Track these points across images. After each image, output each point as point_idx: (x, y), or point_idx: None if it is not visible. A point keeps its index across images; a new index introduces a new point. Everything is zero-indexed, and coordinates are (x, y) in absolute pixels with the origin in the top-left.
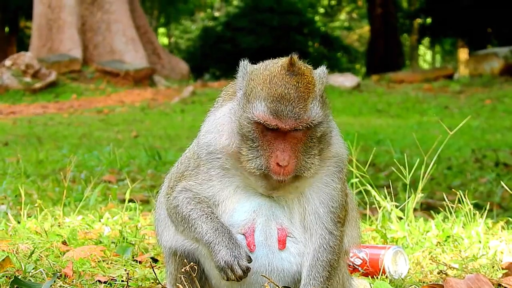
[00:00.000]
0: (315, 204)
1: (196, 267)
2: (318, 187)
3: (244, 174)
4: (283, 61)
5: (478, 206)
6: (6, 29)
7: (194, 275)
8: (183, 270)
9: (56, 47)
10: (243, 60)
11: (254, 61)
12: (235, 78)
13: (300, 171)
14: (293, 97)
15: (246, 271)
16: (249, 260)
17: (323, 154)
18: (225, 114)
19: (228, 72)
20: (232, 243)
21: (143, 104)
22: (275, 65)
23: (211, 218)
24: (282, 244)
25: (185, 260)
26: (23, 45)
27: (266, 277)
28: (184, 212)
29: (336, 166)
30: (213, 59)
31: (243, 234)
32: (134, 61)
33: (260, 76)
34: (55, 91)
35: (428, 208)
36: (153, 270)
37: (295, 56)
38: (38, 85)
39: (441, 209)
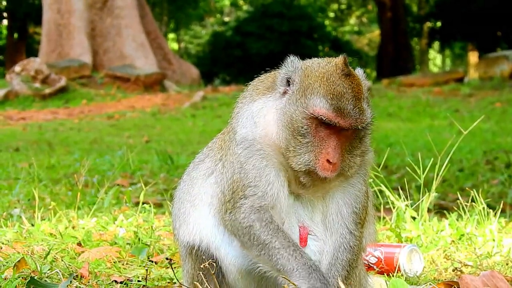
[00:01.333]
0: (339, 203)
1: (214, 264)
2: (344, 188)
3: (282, 166)
4: (336, 61)
5: (490, 207)
6: (15, 35)
7: (213, 272)
8: (202, 266)
9: (66, 52)
10: (291, 56)
11: (264, 66)
12: (247, 82)
13: (344, 170)
14: (351, 96)
15: None
16: None
17: (364, 155)
18: (263, 108)
19: (238, 77)
20: (323, 282)
21: (154, 109)
22: (329, 64)
23: (299, 252)
24: (303, 241)
25: (203, 257)
26: (33, 51)
27: (286, 278)
28: (262, 237)
29: (363, 169)
30: (223, 64)
31: None
32: (144, 66)
33: (315, 73)
34: (65, 96)
35: (440, 209)
36: (171, 266)
37: (346, 57)
38: (48, 90)
39: (455, 208)
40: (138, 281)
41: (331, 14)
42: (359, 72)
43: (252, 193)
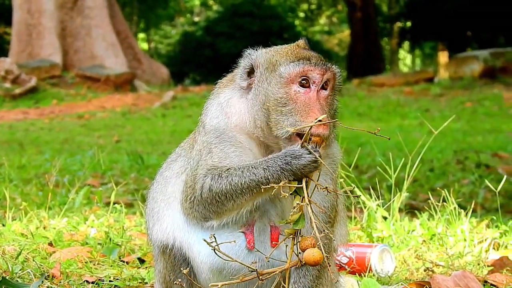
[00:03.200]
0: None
1: (186, 263)
2: (311, 187)
3: (254, 155)
4: (297, 42)
5: (460, 207)
6: None
7: (185, 271)
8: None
9: (36, 52)
10: (248, 50)
11: (234, 66)
12: (216, 83)
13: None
14: (317, 56)
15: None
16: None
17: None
18: (231, 98)
19: (209, 76)
20: (283, 156)
21: (124, 109)
22: (290, 45)
23: (253, 164)
24: (275, 241)
25: (176, 257)
26: (3, 51)
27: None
28: (223, 187)
29: (330, 168)
30: (193, 64)
31: (243, 232)
32: (114, 66)
33: (279, 52)
34: (35, 96)
35: (411, 210)
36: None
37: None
38: (18, 90)
39: (426, 207)
40: (110, 281)
41: (301, 14)
42: None
43: (210, 165)
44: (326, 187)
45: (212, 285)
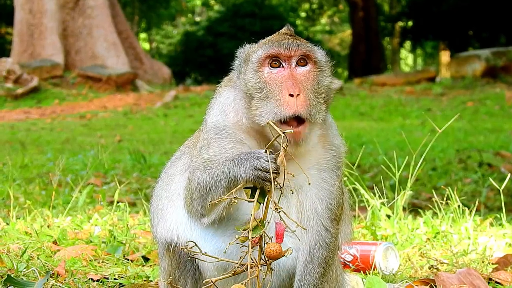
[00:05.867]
0: (314, 200)
1: (191, 260)
2: (318, 183)
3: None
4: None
5: (463, 205)
6: None
7: (189, 269)
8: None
9: (38, 52)
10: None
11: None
12: (219, 82)
13: (310, 112)
14: (289, 37)
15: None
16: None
17: (328, 100)
18: (228, 97)
19: (210, 76)
20: (246, 154)
21: (126, 109)
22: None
23: (230, 158)
24: (280, 238)
25: (180, 254)
26: (4, 51)
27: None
28: (205, 178)
29: (335, 163)
30: (194, 64)
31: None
32: (116, 66)
33: (259, 43)
34: (37, 96)
35: (414, 208)
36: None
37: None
38: (20, 90)
39: (430, 206)
40: (114, 279)
41: (303, 14)
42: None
43: (205, 159)
44: (277, 208)
45: (206, 281)
